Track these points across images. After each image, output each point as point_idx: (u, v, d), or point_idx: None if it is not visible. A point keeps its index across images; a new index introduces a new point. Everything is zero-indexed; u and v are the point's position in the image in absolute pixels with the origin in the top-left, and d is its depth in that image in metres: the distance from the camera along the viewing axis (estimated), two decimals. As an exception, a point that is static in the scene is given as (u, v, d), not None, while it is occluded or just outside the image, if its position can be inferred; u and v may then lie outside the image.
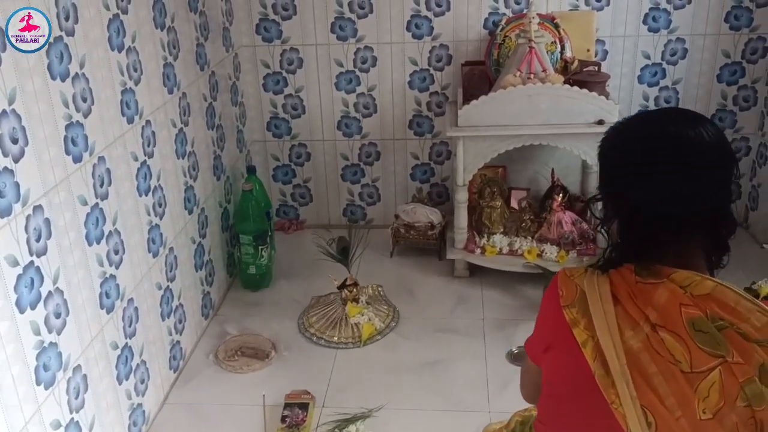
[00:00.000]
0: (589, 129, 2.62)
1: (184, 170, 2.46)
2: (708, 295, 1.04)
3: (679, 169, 1.09)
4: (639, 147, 1.13)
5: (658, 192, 1.10)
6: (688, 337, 1.02)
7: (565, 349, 1.12)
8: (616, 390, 1.04)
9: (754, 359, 0.99)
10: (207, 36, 2.68)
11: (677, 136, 1.10)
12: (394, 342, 2.57)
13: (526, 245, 2.85)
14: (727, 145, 1.12)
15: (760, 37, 2.88)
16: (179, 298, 2.41)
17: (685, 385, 1.01)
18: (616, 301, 1.10)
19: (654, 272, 1.08)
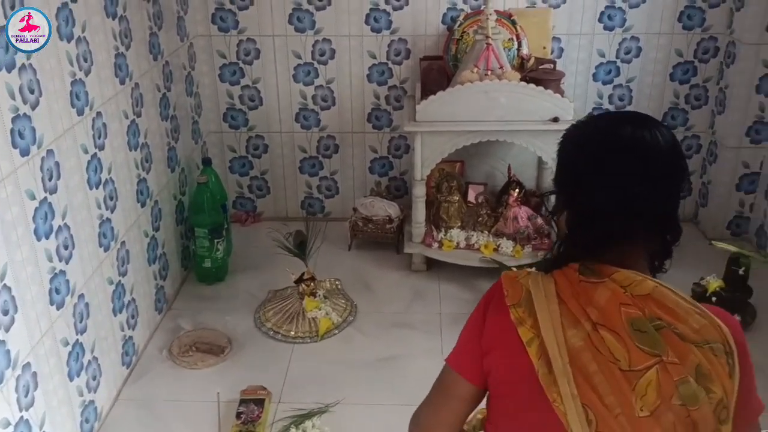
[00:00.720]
0: (545, 126, 2.65)
1: (137, 162, 2.41)
2: (648, 295, 1.06)
3: (632, 171, 1.10)
4: (595, 145, 1.14)
5: (608, 191, 1.11)
6: (627, 336, 1.04)
7: (509, 349, 1.12)
8: (558, 388, 1.05)
9: (689, 360, 1.02)
10: (161, 25, 2.62)
11: (633, 137, 1.11)
12: (352, 337, 2.57)
13: (483, 240, 2.88)
14: (681, 153, 1.14)
15: (711, 36, 2.95)
16: (131, 292, 2.37)
17: (623, 383, 1.03)
18: (560, 300, 1.11)
19: (596, 272, 1.10)
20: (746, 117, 2.91)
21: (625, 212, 1.11)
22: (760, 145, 2.95)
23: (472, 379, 1.20)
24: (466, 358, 1.21)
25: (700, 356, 1.02)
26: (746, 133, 2.94)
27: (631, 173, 1.10)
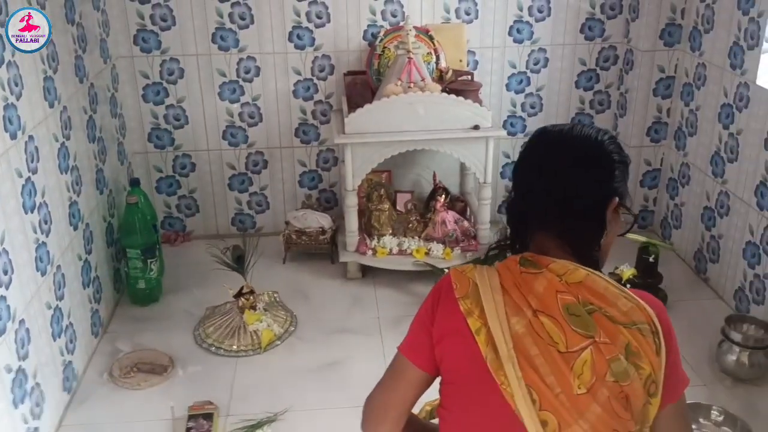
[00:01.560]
0: (466, 134, 2.81)
1: (68, 185, 2.39)
2: (580, 282, 1.16)
3: (541, 161, 1.23)
4: (527, 143, 1.28)
5: (523, 175, 1.26)
6: (563, 320, 1.14)
7: (460, 338, 1.20)
8: (504, 372, 1.14)
9: (619, 340, 1.12)
10: (85, 48, 2.61)
11: (554, 130, 1.25)
12: (294, 346, 2.63)
13: (414, 245, 2.99)
14: (599, 148, 1.21)
15: (611, 46, 3.20)
16: (69, 317, 2.34)
17: (562, 364, 1.12)
18: (503, 290, 1.20)
19: (535, 263, 1.20)
20: (646, 118, 3.17)
21: (523, 194, 1.25)
22: (659, 144, 3.22)
23: (423, 365, 1.27)
24: (417, 346, 1.28)
25: (628, 336, 1.12)
26: (646, 133, 3.20)
27: (535, 158, 1.24)
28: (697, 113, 2.94)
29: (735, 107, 2.66)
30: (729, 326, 2.39)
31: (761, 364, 2.32)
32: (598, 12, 3.13)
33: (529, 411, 1.13)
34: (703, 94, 2.88)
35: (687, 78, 3.01)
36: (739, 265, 2.68)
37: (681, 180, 3.10)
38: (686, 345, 2.52)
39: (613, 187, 1.21)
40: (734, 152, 2.68)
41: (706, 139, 2.87)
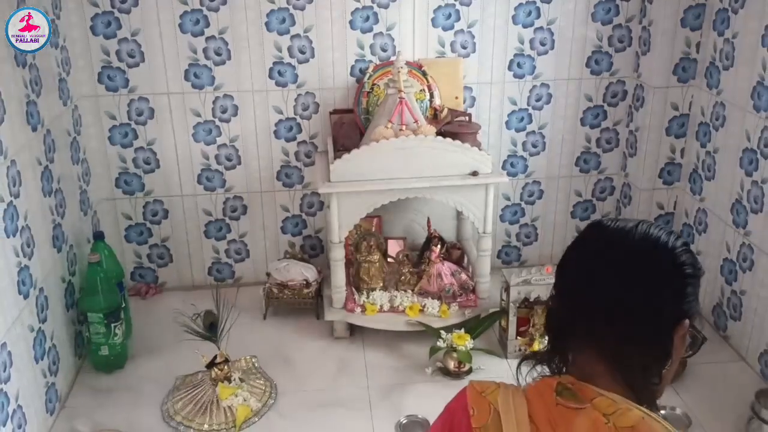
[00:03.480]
0: (464, 181, 2.56)
1: (16, 250, 2.11)
2: (633, 427, 0.93)
3: (594, 266, 1.01)
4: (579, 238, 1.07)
5: (573, 287, 1.03)
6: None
7: None
8: None
9: None
10: (39, 91, 2.34)
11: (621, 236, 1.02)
12: (273, 424, 2.34)
13: (407, 301, 2.73)
14: (670, 261, 0.99)
15: (619, 80, 2.96)
16: (17, 399, 2.05)
17: None
18: (533, 425, 0.98)
19: (576, 394, 0.98)
20: (658, 159, 2.93)
21: (573, 303, 1.01)
22: (672, 186, 2.97)
23: None
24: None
25: None
26: (659, 175, 2.95)
27: (595, 260, 1.02)
28: (715, 156, 2.70)
29: (760, 153, 2.42)
30: (759, 402, 2.13)
31: (799, 448, 2.07)
32: (606, 45, 2.89)
33: None
34: (723, 136, 2.64)
35: (703, 117, 2.76)
36: (764, 325, 2.43)
37: (697, 227, 2.85)
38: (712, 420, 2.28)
39: (684, 307, 0.99)
40: (758, 202, 2.43)
41: (727, 185, 2.63)
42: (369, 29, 2.80)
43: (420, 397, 2.44)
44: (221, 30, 2.75)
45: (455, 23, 2.81)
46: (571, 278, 1.05)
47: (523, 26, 2.84)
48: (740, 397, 2.29)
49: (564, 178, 3.11)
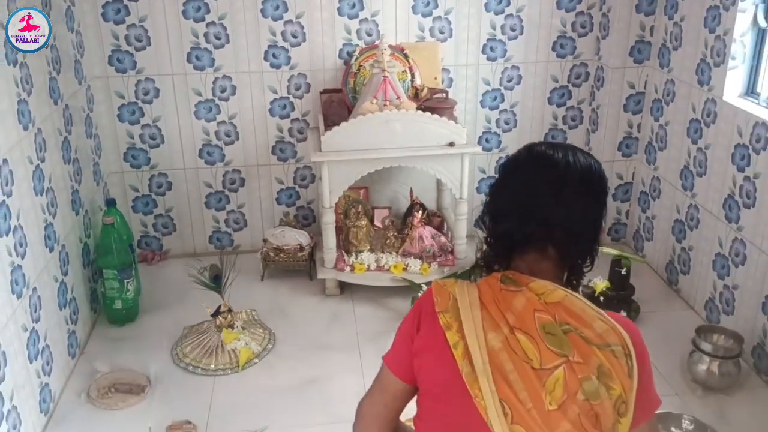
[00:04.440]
0: (442, 151, 2.85)
1: (43, 207, 2.38)
2: (558, 303, 1.20)
3: (532, 179, 1.26)
4: (509, 161, 1.32)
5: (509, 195, 1.28)
6: (539, 338, 1.17)
7: (438, 351, 1.24)
8: (479, 385, 1.18)
9: (592, 360, 1.15)
10: (59, 69, 2.61)
11: (543, 154, 1.28)
12: (272, 364, 2.63)
13: (392, 261, 3.02)
14: (591, 178, 1.26)
15: (582, 63, 3.26)
16: (45, 339, 2.32)
17: (535, 380, 1.16)
18: (482, 306, 1.24)
19: (515, 281, 1.24)
20: (617, 133, 3.24)
21: (520, 215, 1.26)
22: (630, 158, 3.29)
23: (404, 377, 1.33)
24: (399, 358, 1.34)
25: (601, 357, 1.15)
26: (618, 148, 3.26)
27: (530, 181, 1.26)
28: (666, 128, 3.01)
29: (703, 122, 2.73)
30: (699, 337, 2.44)
31: (731, 373, 2.37)
32: (570, 30, 3.19)
33: (500, 424, 1.17)
34: (672, 110, 2.95)
35: (656, 94, 3.08)
36: (709, 276, 2.74)
37: (652, 193, 3.17)
38: (659, 355, 2.57)
39: (605, 212, 1.29)
40: (703, 166, 2.75)
41: (676, 154, 2.94)
42: (355, 15, 3.09)
43: None
44: (221, 16, 3.03)
45: (433, 10, 3.11)
46: (516, 195, 1.28)
47: (495, 13, 3.14)
48: (686, 339, 2.57)
49: (534, 152, 3.41)
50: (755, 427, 2.21)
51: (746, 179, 2.47)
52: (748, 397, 2.39)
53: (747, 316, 2.51)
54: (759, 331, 2.44)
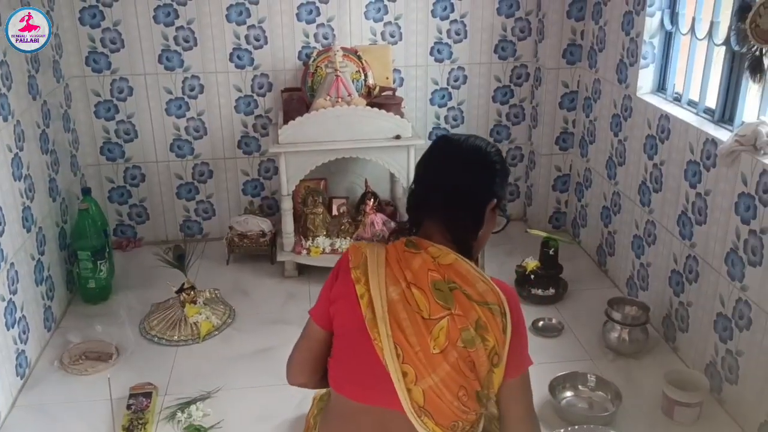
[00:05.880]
0: (389, 143, 3.12)
1: (21, 192, 2.64)
2: (450, 265, 1.44)
3: (436, 162, 1.52)
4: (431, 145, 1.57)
5: (422, 177, 1.54)
6: (430, 293, 1.41)
7: (348, 300, 1.48)
8: (378, 329, 1.41)
9: (471, 314, 1.39)
10: (38, 68, 2.87)
11: (445, 139, 1.55)
12: (231, 336, 2.89)
13: (345, 244, 3.28)
14: (482, 157, 1.48)
15: (522, 64, 3.55)
16: (22, 309, 2.58)
17: (423, 328, 1.40)
18: (387, 264, 1.47)
19: (417, 245, 1.48)
20: (554, 129, 3.52)
21: (417, 182, 1.53)
22: (567, 152, 3.57)
23: (324, 325, 1.56)
24: (320, 309, 1.57)
25: (480, 312, 1.39)
26: (555, 142, 3.54)
27: (429, 154, 1.54)
28: (595, 123, 3.29)
29: (622, 117, 3.01)
30: (612, 308, 2.71)
31: (639, 340, 2.64)
32: (510, 34, 3.48)
33: (393, 363, 1.41)
34: (599, 107, 3.23)
35: (587, 92, 3.36)
36: (628, 256, 3.02)
37: (585, 184, 3.45)
38: (581, 327, 2.87)
39: (492, 190, 1.50)
40: (622, 157, 3.03)
41: (603, 146, 3.22)
42: (313, 21, 3.37)
43: None
44: (189, 21, 3.30)
45: (384, 16, 3.39)
46: (421, 171, 1.56)
47: (441, 19, 3.42)
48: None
49: (481, 147, 3.68)
50: (654, 384, 2.47)
51: (654, 167, 2.75)
52: (654, 361, 2.66)
53: (658, 290, 2.78)
54: (667, 302, 2.72)
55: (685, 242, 2.56)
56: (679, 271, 2.61)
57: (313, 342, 1.59)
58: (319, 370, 1.61)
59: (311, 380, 1.63)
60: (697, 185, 2.47)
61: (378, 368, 1.42)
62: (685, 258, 2.56)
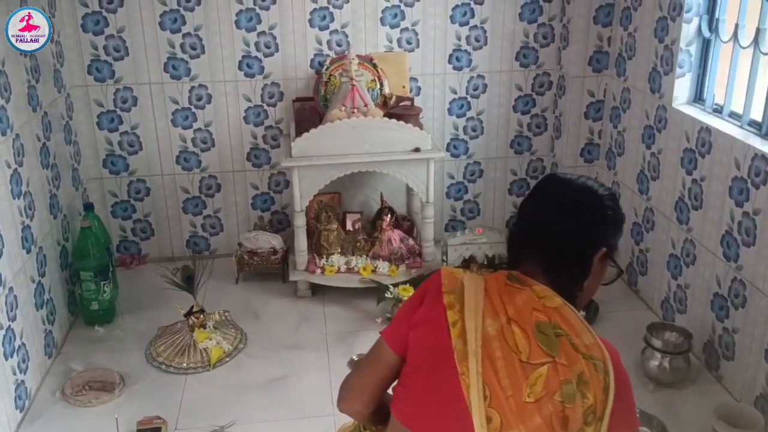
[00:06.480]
0: (407, 156, 2.96)
1: (20, 210, 2.48)
2: (556, 308, 1.29)
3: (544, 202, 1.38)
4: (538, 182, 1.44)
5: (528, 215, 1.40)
6: (532, 334, 1.26)
7: (435, 326, 1.33)
8: (468, 364, 1.27)
9: (576, 366, 1.24)
10: (38, 78, 2.71)
11: (557, 173, 1.43)
12: (243, 362, 2.72)
13: (362, 263, 3.12)
14: (597, 204, 1.34)
15: (545, 72, 3.39)
16: (21, 337, 2.41)
17: (520, 371, 1.25)
18: (486, 294, 1.34)
19: (521, 280, 1.34)
20: (579, 140, 3.36)
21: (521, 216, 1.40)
22: (592, 164, 3.41)
23: (397, 348, 1.40)
24: (396, 330, 1.42)
25: (584, 366, 1.23)
26: (580, 154, 3.38)
27: (537, 189, 1.41)
28: (624, 134, 3.13)
29: (655, 128, 2.86)
30: (651, 334, 2.55)
31: (681, 369, 2.48)
32: (532, 41, 3.32)
33: (479, 405, 1.25)
34: (629, 117, 3.08)
35: (614, 102, 3.20)
36: (663, 276, 2.86)
37: (613, 197, 3.28)
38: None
39: (602, 239, 1.35)
40: (656, 171, 2.87)
41: (633, 159, 3.06)
42: (326, 27, 3.21)
43: (370, 340, 2.71)
44: (196, 27, 3.14)
45: (401, 22, 3.23)
46: (528, 209, 1.42)
47: (460, 25, 3.26)
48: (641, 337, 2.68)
49: (501, 158, 3.53)
50: (701, 419, 2.32)
51: (694, 182, 2.60)
52: (697, 391, 2.50)
53: (698, 314, 2.62)
54: (708, 328, 2.56)
55: (731, 264, 2.40)
56: (723, 295, 2.45)
57: (381, 366, 1.43)
58: (377, 400, 1.46)
59: (366, 409, 1.47)
60: (744, 204, 2.31)
61: (458, 407, 1.28)
62: (731, 281, 2.40)
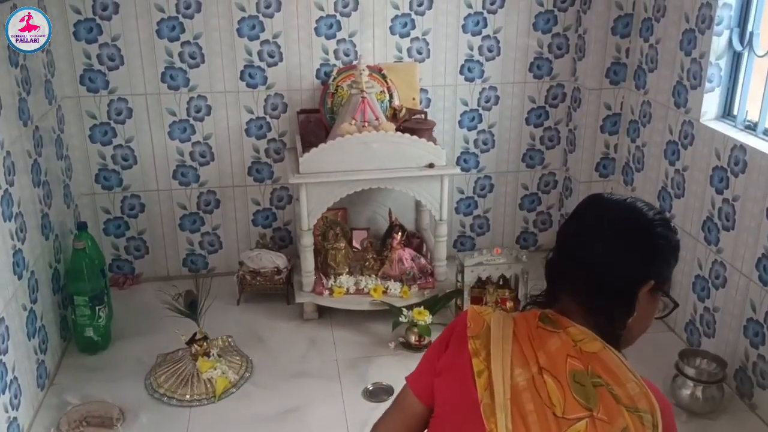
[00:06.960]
0: (421, 172, 2.82)
1: (12, 234, 2.29)
2: (595, 354, 1.15)
3: (584, 229, 1.23)
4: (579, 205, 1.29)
5: (566, 244, 1.25)
6: (567, 385, 1.12)
7: (460, 375, 1.20)
8: (496, 420, 1.13)
9: (618, 421, 1.09)
10: (29, 90, 2.53)
11: (599, 194, 1.28)
12: (250, 393, 2.56)
13: (372, 283, 2.97)
14: (644, 229, 1.19)
15: (559, 84, 3.27)
16: (13, 371, 2.23)
17: (554, 427, 1.10)
18: (515, 339, 1.20)
19: (554, 322, 1.20)
20: (594, 154, 3.25)
21: (560, 246, 1.25)
22: (607, 179, 3.30)
23: (423, 397, 1.28)
24: (421, 376, 1.30)
25: (628, 420, 1.09)
26: (596, 169, 3.27)
27: (578, 222, 1.25)
28: (643, 150, 3.02)
29: (680, 144, 2.75)
30: (683, 361, 2.43)
31: (715, 398, 2.37)
32: (546, 51, 3.20)
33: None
34: (649, 132, 2.97)
35: (633, 115, 3.09)
36: (689, 298, 2.75)
37: (630, 214, 3.17)
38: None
39: (651, 270, 1.19)
40: (681, 188, 2.76)
41: (653, 175, 2.95)
42: (333, 36, 3.06)
43: (384, 367, 2.67)
44: (195, 35, 2.98)
45: (411, 31, 3.09)
46: (566, 237, 1.26)
47: (472, 34, 3.13)
48: (667, 362, 2.56)
49: (512, 173, 3.41)
50: (739, 451, 2.22)
51: (725, 202, 2.49)
52: (732, 421, 2.39)
53: (728, 339, 2.51)
54: (741, 354, 2.45)
55: (767, 289, 2.29)
56: (758, 320, 2.34)
57: (406, 416, 1.32)
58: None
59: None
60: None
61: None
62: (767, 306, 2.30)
